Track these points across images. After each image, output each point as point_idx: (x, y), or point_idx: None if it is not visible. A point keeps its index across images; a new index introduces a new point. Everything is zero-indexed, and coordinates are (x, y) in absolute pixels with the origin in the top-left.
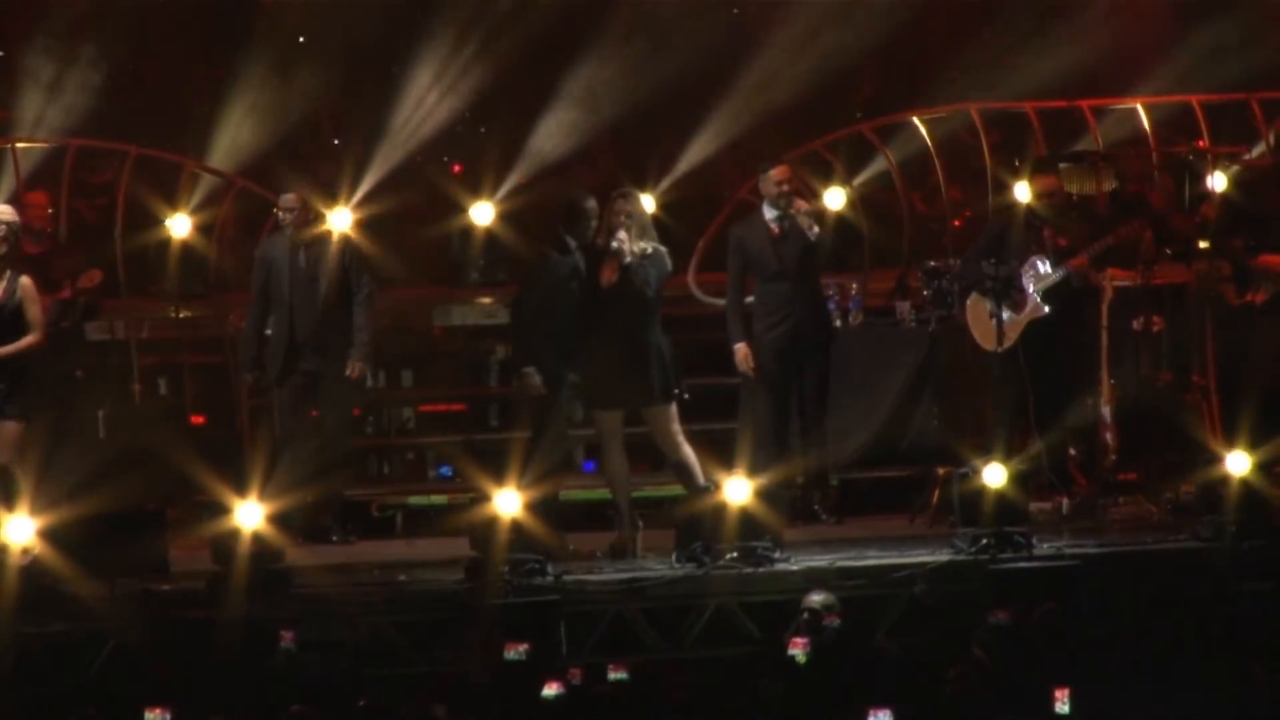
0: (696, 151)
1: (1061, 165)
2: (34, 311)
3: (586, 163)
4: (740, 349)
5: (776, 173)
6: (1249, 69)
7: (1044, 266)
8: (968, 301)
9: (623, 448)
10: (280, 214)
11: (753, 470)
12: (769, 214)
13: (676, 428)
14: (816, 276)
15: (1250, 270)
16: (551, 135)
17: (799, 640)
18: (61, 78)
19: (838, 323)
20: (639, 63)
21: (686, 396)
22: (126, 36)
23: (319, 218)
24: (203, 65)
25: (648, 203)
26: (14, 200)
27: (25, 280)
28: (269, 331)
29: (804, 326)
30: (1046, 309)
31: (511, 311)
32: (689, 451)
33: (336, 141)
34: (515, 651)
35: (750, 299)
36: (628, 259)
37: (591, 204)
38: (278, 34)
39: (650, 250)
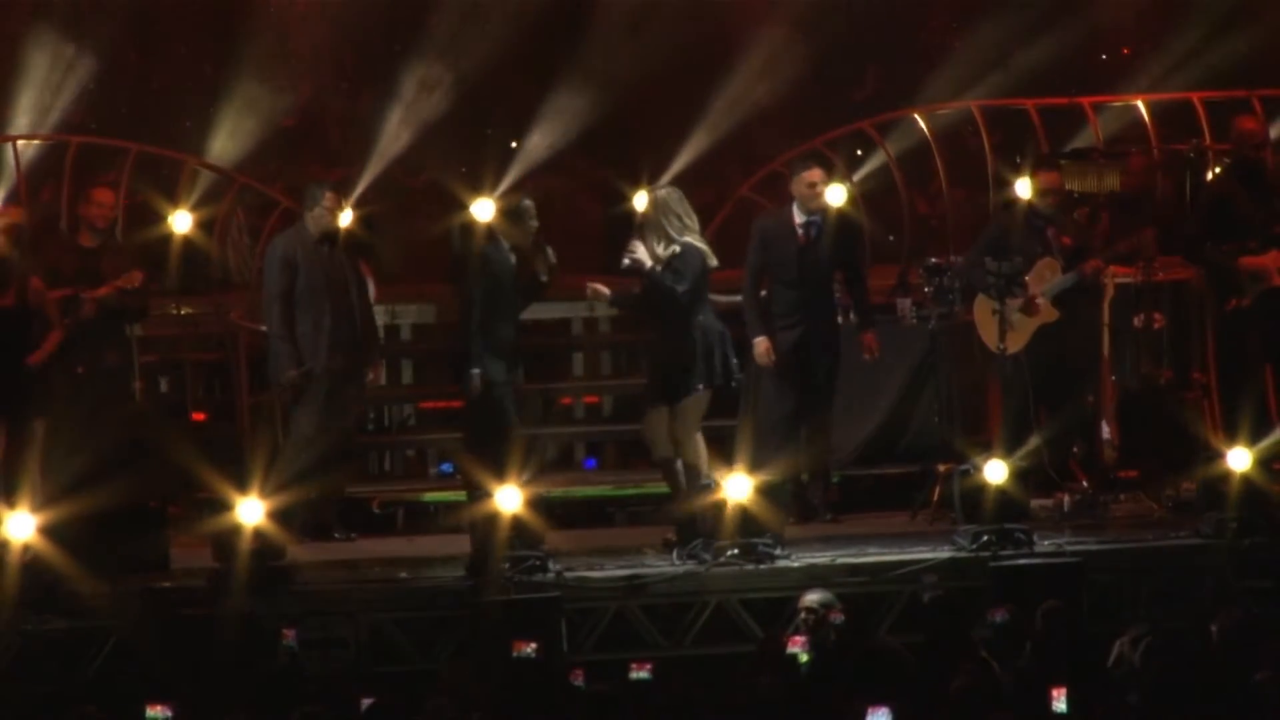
0: (693, 148)
1: (1062, 162)
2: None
3: (584, 158)
4: (761, 342)
5: (810, 174)
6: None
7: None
8: (974, 303)
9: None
10: (316, 211)
11: (754, 467)
12: (798, 217)
13: (675, 428)
14: (831, 282)
15: (1233, 274)
16: (548, 132)
17: (797, 639)
18: (62, 74)
19: (839, 319)
20: (634, 58)
21: (699, 389)
22: (128, 34)
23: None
24: (207, 63)
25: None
26: (13, 198)
27: (35, 281)
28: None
29: (813, 331)
30: (1056, 314)
31: (461, 314)
32: (686, 456)
33: (338, 139)
34: (523, 650)
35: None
36: (647, 266)
37: (527, 204)
38: (280, 32)
39: (678, 250)
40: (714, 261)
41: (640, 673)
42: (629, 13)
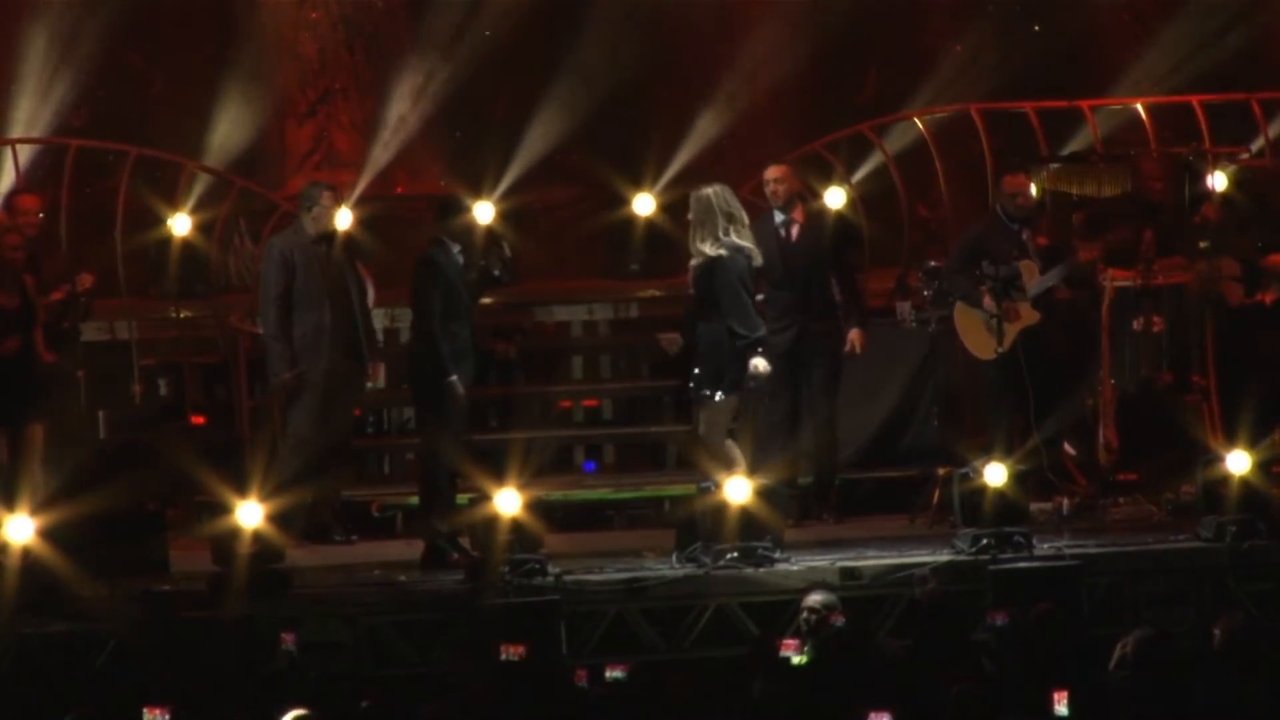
0: (693, 149)
1: (1055, 165)
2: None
3: (584, 163)
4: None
5: (767, 172)
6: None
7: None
8: (955, 311)
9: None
10: (315, 211)
11: (753, 470)
12: (778, 218)
13: (707, 427)
14: (825, 282)
15: (1260, 270)
16: (545, 131)
17: (791, 641)
18: (62, 75)
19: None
20: (631, 58)
21: (712, 395)
22: (130, 37)
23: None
24: (208, 66)
25: (647, 203)
26: (11, 199)
27: (29, 280)
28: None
29: (808, 333)
30: (1038, 315)
31: (420, 322)
32: (721, 453)
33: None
34: (509, 653)
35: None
36: (694, 260)
37: (467, 204)
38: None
39: (719, 254)
40: (759, 260)
41: (615, 673)
42: (629, 13)
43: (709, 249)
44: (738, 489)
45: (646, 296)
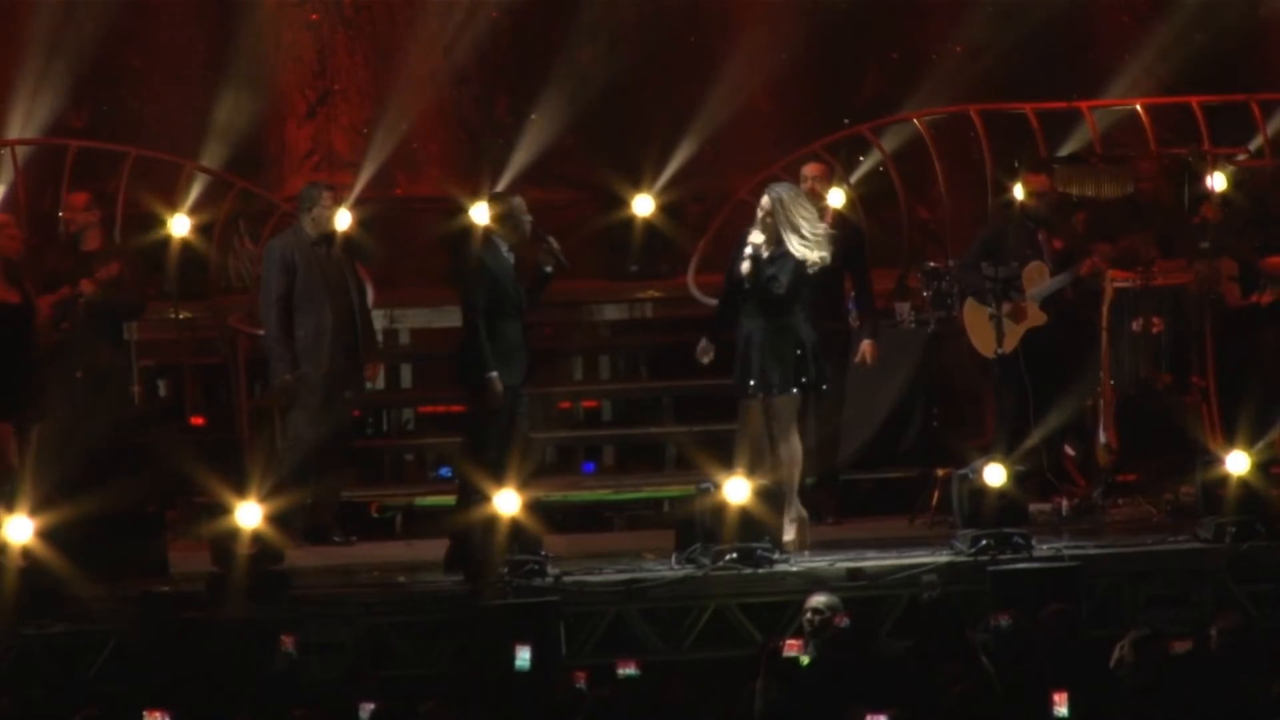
0: (691, 150)
1: (1057, 166)
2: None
3: (582, 164)
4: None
5: (805, 169)
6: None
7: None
8: (965, 307)
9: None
10: (315, 211)
11: (754, 470)
12: None
13: (770, 426)
14: (839, 281)
15: (1259, 271)
16: (541, 132)
17: (795, 642)
18: (61, 75)
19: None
20: (629, 57)
21: (825, 388)
22: (128, 34)
23: None
24: (208, 64)
25: (646, 204)
26: (10, 200)
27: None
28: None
29: (819, 331)
30: (1045, 316)
31: (466, 317)
32: (788, 450)
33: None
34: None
35: None
36: (759, 254)
37: (517, 201)
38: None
39: (786, 251)
40: (815, 260)
41: (628, 670)
42: (627, 13)
43: (766, 250)
44: (737, 489)
45: (646, 297)
